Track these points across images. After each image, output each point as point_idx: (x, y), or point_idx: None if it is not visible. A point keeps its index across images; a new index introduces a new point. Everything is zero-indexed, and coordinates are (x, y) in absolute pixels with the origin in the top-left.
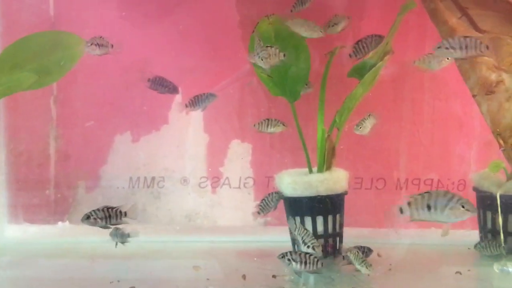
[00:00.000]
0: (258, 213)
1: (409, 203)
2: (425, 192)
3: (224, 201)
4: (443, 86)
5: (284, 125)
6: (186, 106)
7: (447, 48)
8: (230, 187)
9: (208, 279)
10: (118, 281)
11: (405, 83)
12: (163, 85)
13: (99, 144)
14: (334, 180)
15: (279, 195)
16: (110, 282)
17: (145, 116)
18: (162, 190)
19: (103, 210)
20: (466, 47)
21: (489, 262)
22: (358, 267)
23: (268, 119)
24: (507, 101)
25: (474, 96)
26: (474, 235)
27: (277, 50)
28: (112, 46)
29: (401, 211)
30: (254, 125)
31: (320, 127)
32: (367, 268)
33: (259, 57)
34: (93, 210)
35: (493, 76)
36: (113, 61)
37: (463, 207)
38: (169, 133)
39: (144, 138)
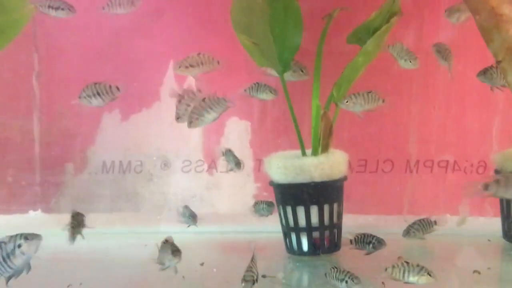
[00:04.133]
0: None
1: (497, 181)
2: None
3: (222, 183)
4: (461, 53)
5: (271, 92)
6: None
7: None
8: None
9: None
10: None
11: (416, 51)
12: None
13: (86, 123)
14: (331, 164)
15: (270, 205)
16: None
17: (135, 92)
18: (154, 172)
19: None
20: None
21: None
22: (414, 279)
23: (257, 83)
24: None
25: (498, 62)
26: (496, 223)
27: None
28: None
29: (486, 188)
30: (245, 90)
31: (315, 103)
32: (429, 275)
33: None
34: None
35: None
36: (99, 32)
37: None
38: (161, 110)
39: (134, 116)
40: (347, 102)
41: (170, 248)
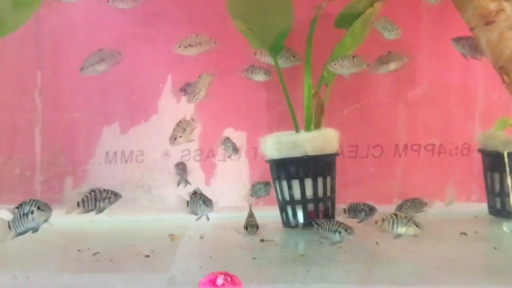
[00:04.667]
0: (251, 195)
1: None
2: None
3: (219, 191)
4: (444, 45)
5: (266, 73)
6: (180, 90)
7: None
8: (224, 179)
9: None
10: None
11: (402, 42)
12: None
13: (86, 136)
14: (323, 138)
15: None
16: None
17: (133, 106)
18: (152, 183)
19: None
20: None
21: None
22: (403, 230)
23: (252, 66)
24: (509, 30)
25: (472, 29)
26: (480, 207)
27: None
28: None
29: None
30: (242, 72)
31: (307, 82)
32: (417, 227)
33: None
34: None
35: (492, 6)
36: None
37: None
38: (159, 123)
39: (133, 129)
40: (334, 64)
41: (201, 198)
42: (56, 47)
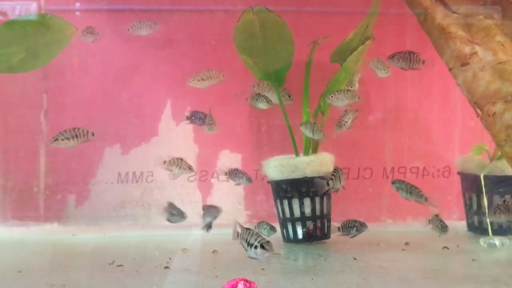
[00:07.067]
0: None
1: None
2: None
3: None
4: (425, 77)
5: (268, 102)
6: (187, 118)
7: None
8: (220, 198)
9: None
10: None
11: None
12: (198, 118)
13: (89, 157)
14: (320, 162)
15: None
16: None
17: (135, 128)
18: (152, 202)
19: None
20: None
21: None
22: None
23: (257, 94)
24: (481, 71)
25: (450, 69)
26: (460, 224)
27: None
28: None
29: None
30: (247, 99)
31: (305, 110)
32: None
33: None
34: None
35: (467, 49)
36: (103, 73)
37: None
38: (158, 145)
39: (134, 150)
40: (332, 97)
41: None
42: (62, 72)
